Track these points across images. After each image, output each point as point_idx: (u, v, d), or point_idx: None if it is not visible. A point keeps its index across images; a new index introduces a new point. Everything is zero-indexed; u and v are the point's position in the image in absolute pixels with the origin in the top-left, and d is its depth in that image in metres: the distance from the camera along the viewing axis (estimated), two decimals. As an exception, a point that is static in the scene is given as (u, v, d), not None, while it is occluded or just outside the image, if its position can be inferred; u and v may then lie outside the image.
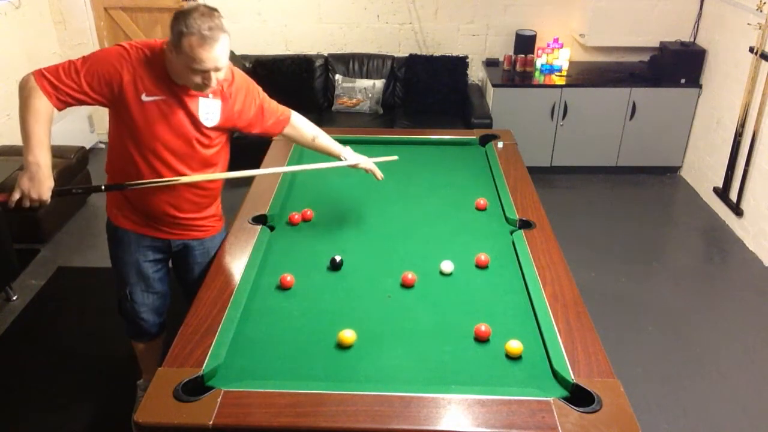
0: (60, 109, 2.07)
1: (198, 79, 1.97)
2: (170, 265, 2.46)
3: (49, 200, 2.03)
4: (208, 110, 2.14)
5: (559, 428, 1.55)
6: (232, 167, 2.44)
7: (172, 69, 2.01)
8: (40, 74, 2.02)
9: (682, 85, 4.67)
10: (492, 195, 2.79)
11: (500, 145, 3.23)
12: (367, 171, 2.55)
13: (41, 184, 2.02)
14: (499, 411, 1.61)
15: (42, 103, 2.03)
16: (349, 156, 2.51)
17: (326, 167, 2.55)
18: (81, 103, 2.06)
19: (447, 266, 2.27)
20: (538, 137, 4.74)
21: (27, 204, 1.99)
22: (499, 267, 2.28)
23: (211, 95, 2.13)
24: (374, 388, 1.68)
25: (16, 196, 1.97)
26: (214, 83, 2.00)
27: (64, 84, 2.00)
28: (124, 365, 2.97)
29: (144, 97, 2.04)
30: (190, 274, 2.42)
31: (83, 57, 2.04)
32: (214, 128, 2.19)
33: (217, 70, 1.96)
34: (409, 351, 1.88)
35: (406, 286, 2.17)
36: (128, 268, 2.32)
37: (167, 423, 1.58)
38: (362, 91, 4.81)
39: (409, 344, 1.91)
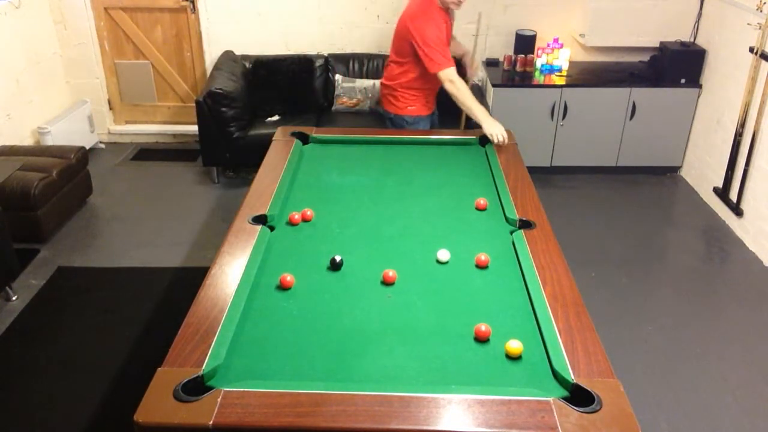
0: None
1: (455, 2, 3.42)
2: None
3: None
4: (454, 14, 3.59)
5: (559, 428, 1.55)
6: (234, 167, 2.46)
7: (443, 2, 3.42)
8: (447, 65, 3.38)
9: (682, 85, 4.67)
10: (492, 195, 2.79)
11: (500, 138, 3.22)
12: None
13: (498, 124, 3.31)
14: (499, 411, 1.61)
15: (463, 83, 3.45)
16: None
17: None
18: None
19: (443, 255, 2.28)
20: (538, 137, 4.74)
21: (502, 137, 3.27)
22: (499, 267, 2.28)
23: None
24: (374, 388, 1.67)
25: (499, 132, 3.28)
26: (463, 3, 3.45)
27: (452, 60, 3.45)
28: (125, 365, 2.97)
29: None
30: None
31: (435, 38, 3.36)
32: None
33: None
34: (409, 351, 1.88)
35: (387, 283, 2.17)
36: None
37: (167, 423, 1.58)
38: (362, 91, 4.81)
39: (409, 344, 1.91)
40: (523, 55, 4.81)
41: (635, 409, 1.65)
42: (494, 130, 3.24)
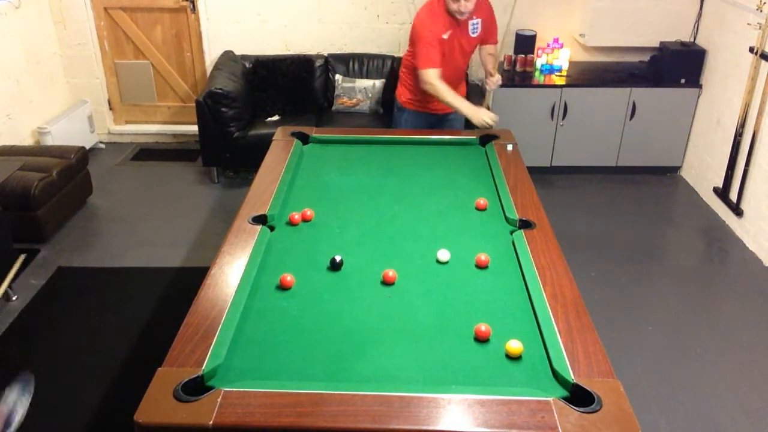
0: None
1: (454, 6, 3.27)
2: None
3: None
4: (474, 27, 3.48)
5: (559, 428, 1.55)
6: (234, 167, 2.45)
7: (447, 6, 3.31)
8: (426, 66, 3.36)
9: (682, 85, 4.67)
10: (492, 195, 2.79)
11: (509, 148, 3.21)
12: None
13: (482, 111, 3.42)
14: (499, 411, 1.61)
15: (444, 83, 3.41)
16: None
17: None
18: None
19: (443, 255, 2.28)
20: (538, 137, 4.74)
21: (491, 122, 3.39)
22: (499, 267, 2.28)
23: (474, 16, 3.41)
24: (374, 388, 1.68)
25: (487, 119, 3.37)
26: (463, 9, 3.26)
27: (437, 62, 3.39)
28: (125, 365, 2.97)
29: (443, 36, 3.37)
30: None
31: (423, 39, 3.34)
32: (476, 38, 3.53)
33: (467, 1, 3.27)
34: (409, 351, 1.88)
35: (387, 283, 2.17)
36: None
37: (167, 423, 1.58)
38: (362, 91, 4.81)
39: (409, 344, 1.91)
40: (523, 55, 4.81)
41: (635, 409, 1.65)
42: (481, 117, 3.36)
